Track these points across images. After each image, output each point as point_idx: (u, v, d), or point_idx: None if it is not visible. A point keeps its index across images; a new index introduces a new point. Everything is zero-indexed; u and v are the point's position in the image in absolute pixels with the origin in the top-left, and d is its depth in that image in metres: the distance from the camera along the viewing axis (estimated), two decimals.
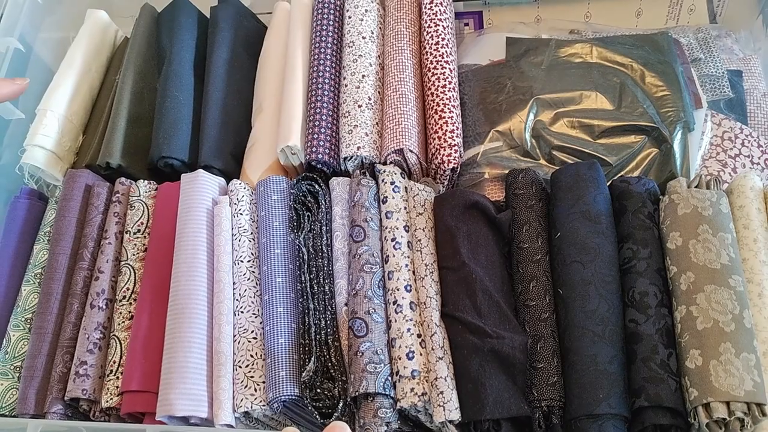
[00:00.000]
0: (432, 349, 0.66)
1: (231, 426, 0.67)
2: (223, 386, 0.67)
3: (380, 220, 0.74)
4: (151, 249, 0.76)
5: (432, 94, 0.80)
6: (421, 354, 0.67)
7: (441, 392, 0.64)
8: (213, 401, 0.67)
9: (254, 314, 0.72)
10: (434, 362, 0.66)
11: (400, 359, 0.66)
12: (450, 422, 0.64)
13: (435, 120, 0.79)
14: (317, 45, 0.85)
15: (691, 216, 0.67)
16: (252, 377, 0.69)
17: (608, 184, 0.73)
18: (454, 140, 0.77)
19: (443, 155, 0.77)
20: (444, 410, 0.63)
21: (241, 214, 0.77)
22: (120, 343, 0.71)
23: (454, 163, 0.77)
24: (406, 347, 0.67)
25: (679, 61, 0.84)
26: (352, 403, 0.67)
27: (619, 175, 0.77)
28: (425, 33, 0.84)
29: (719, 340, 0.61)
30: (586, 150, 0.78)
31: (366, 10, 0.87)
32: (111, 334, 0.72)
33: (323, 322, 0.70)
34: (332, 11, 0.88)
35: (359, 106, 0.80)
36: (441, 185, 0.80)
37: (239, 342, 0.71)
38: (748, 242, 0.68)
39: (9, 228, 0.81)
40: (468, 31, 0.99)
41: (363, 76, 0.82)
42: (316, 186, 0.78)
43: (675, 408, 0.60)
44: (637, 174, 0.78)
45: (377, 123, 0.80)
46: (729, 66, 0.88)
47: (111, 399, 0.69)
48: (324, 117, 0.80)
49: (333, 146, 0.80)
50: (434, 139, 0.78)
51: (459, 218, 0.73)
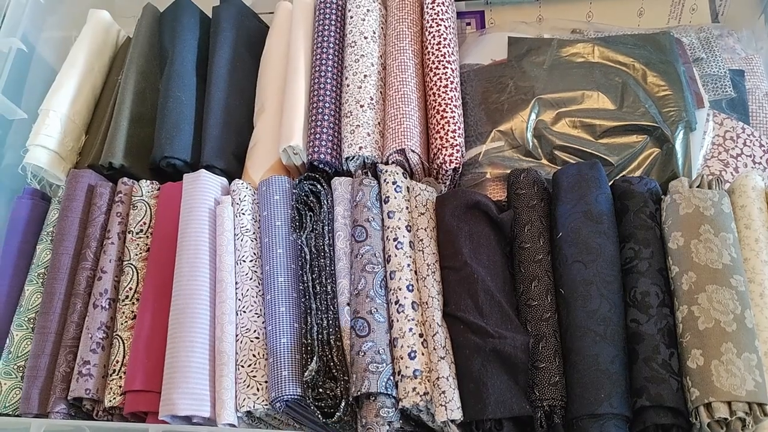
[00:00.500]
0: (434, 349, 0.67)
1: (233, 425, 0.68)
2: (226, 386, 0.68)
3: (382, 220, 0.75)
4: (154, 249, 0.77)
5: (434, 94, 0.80)
6: (423, 354, 0.67)
7: (443, 392, 0.64)
8: (215, 401, 0.68)
9: (256, 314, 0.72)
10: (436, 362, 0.66)
11: (402, 359, 0.66)
12: (452, 422, 0.64)
13: (437, 120, 0.79)
14: (319, 45, 0.85)
15: (693, 216, 0.67)
16: (254, 377, 0.69)
17: (610, 184, 0.73)
18: (456, 140, 0.77)
19: (445, 155, 0.77)
20: (446, 410, 0.64)
21: (244, 214, 0.77)
22: (123, 343, 0.72)
23: (456, 163, 0.77)
24: (408, 347, 0.67)
25: (681, 61, 0.84)
26: (354, 403, 0.67)
27: (621, 175, 0.77)
28: (427, 33, 0.84)
29: (721, 340, 0.61)
30: (588, 150, 0.78)
31: (368, 10, 0.87)
32: (114, 334, 0.73)
33: (325, 322, 0.70)
34: (334, 11, 0.88)
35: (361, 106, 0.80)
36: (443, 185, 0.80)
37: (241, 342, 0.71)
38: (750, 242, 0.68)
39: (12, 228, 0.81)
40: (470, 31, 1.00)
41: (365, 76, 0.82)
42: (318, 186, 0.78)
43: (677, 408, 0.61)
44: (639, 174, 0.78)
45: (379, 123, 0.80)
46: (731, 65, 0.88)
47: (114, 398, 0.69)
48: (326, 117, 0.80)
49: (335, 146, 0.80)
50: (436, 139, 0.78)
51: (461, 218, 0.73)
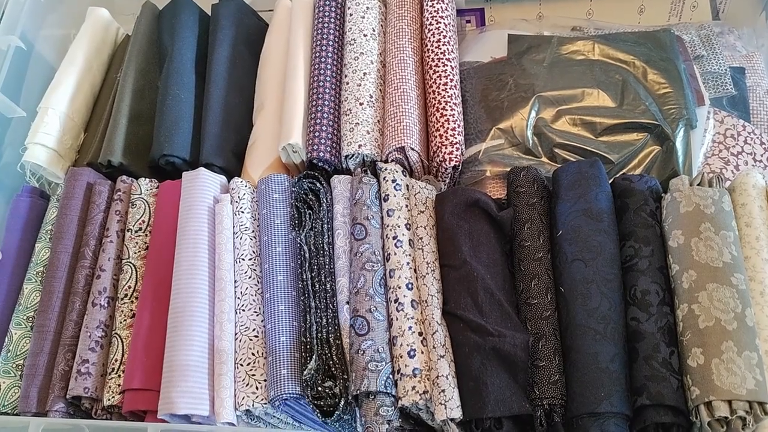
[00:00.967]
0: (433, 347, 0.66)
1: (233, 424, 0.67)
2: (225, 384, 0.68)
3: (381, 218, 0.74)
4: (153, 247, 0.76)
5: (433, 92, 0.80)
6: (423, 352, 0.67)
7: (442, 390, 0.64)
8: (214, 399, 0.67)
9: (255, 312, 0.72)
10: (436, 360, 0.66)
11: (402, 357, 0.66)
12: (451, 420, 0.64)
13: (436, 118, 0.78)
14: (318, 43, 0.85)
15: (694, 214, 0.67)
16: (253, 375, 0.69)
17: (610, 182, 0.72)
18: (456, 138, 0.77)
19: (444, 153, 0.76)
20: (445, 408, 0.63)
21: (243, 212, 0.77)
22: (122, 342, 0.71)
23: (456, 161, 0.77)
24: (408, 345, 0.67)
25: (682, 58, 0.84)
26: (354, 402, 0.67)
27: (621, 173, 0.77)
28: (426, 30, 0.83)
29: (721, 339, 0.61)
30: (588, 147, 0.78)
31: (367, 8, 0.86)
32: (113, 333, 0.72)
33: (324, 321, 0.70)
34: (334, 9, 0.87)
35: (360, 104, 0.80)
36: (442, 183, 0.80)
37: (240, 340, 0.71)
38: (750, 240, 0.67)
39: (11, 226, 0.81)
40: (470, 29, 0.99)
41: (364, 74, 0.82)
42: (318, 184, 0.78)
43: (677, 406, 0.60)
44: (639, 172, 0.77)
45: (379, 121, 0.80)
46: (731, 63, 0.88)
47: (113, 397, 0.69)
48: (325, 115, 0.80)
49: (334, 144, 0.80)
50: (436, 137, 0.78)
51: (460, 216, 0.72)
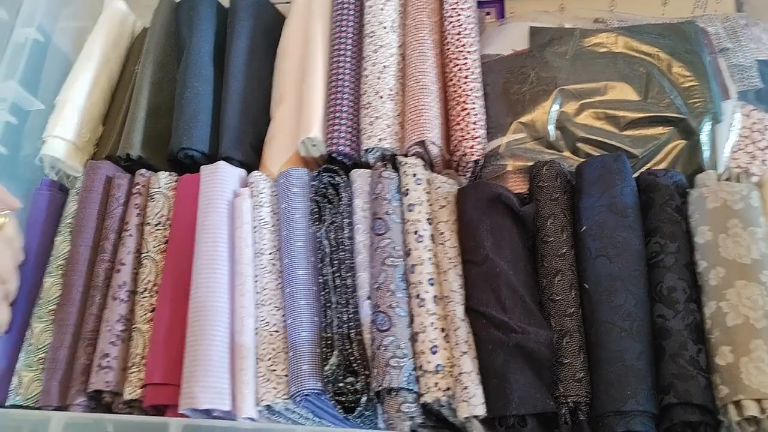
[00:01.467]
0: (456, 344, 0.66)
1: (253, 419, 0.67)
2: (246, 379, 0.67)
3: (402, 213, 0.74)
4: (172, 241, 0.76)
5: (454, 85, 0.79)
6: (445, 348, 0.66)
7: (465, 387, 0.63)
8: (235, 394, 0.67)
9: (276, 307, 0.72)
10: (458, 357, 0.65)
11: (424, 354, 0.66)
12: (474, 417, 0.64)
13: (457, 111, 0.77)
14: (337, 35, 0.84)
15: (721, 210, 0.66)
16: (274, 371, 0.68)
17: (635, 177, 0.71)
18: (477, 132, 0.76)
19: (466, 147, 0.76)
20: (468, 405, 0.63)
21: (262, 206, 0.76)
22: (142, 336, 0.71)
23: (478, 155, 0.76)
24: (430, 342, 0.66)
25: (707, 51, 0.82)
26: (375, 398, 0.66)
27: (646, 168, 0.76)
28: (447, 23, 0.82)
29: (750, 337, 0.60)
30: (612, 142, 0.77)
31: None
32: (133, 327, 0.72)
33: (345, 316, 0.70)
34: (353, 0, 0.86)
35: (380, 97, 0.79)
36: (463, 177, 0.79)
37: (261, 335, 0.70)
38: None
39: (31, 220, 0.80)
40: (489, 21, 0.98)
41: (384, 67, 0.81)
42: (338, 178, 0.77)
43: (705, 405, 0.59)
44: (664, 166, 0.76)
45: (399, 114, 0.79)
46: (758, 56, 0.85)
47: (134, 391, 0.68)
48: (345, 108, 0.79)
49: (354, 138, 0.79)
50: (456, 131, 0.77)
51: (482, 211, 0.72)
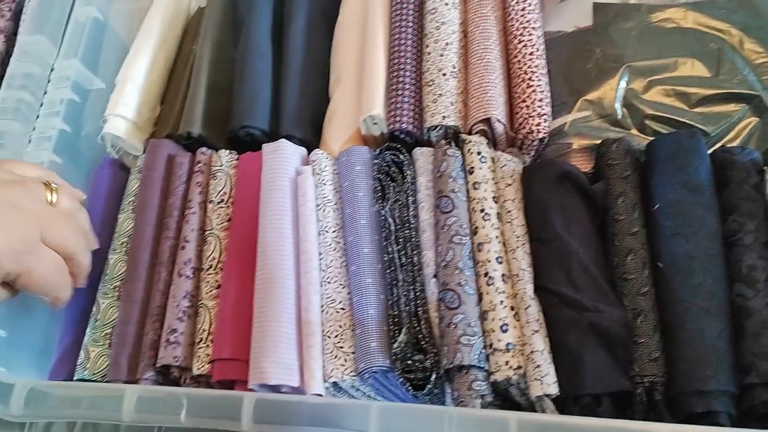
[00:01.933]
0: (527, 323, 0.65)
1: (321, 396, 0.67)
2: (314, 356, 0.67)
3: (467, 191, 0.73)
4: (235, 219, 0.76)
5: (519, 62, 0.78)
6: (515, 327, 0.65)
7: (538, 366, 0.63)
8: (304, 370, 0.67)
9: (341, 285, 0.71)
10: (529, 335, 0.64)
11: (494, 332, 0.65)
12: (547, 396, 0.63)
13: (522, 89, 0.76)
14: (398, 12, 0.83)
15: None
16: (341, 347, 0.68)
17: (709, 154, 0.70)
18: (543, 109, 0.75)
19: (532, 125, 0.74)
20: (542, 384, 0.62)
21: (325, 185, 0.76)
22: (209, 312, 0.71)
23: (544, 133, 0.74)
24: (500, 320, 0.65)
25: None
26: (444, 376, 0.66)
27: (720, 145, 0.74)
28: None
29: None
30: (682, 119, 0.75)
31: None
32: (199, 303, 0.72)
33: (412, 294, 0.69)
34: None
35: (443, 75, 0.78)
36: (527, 156, 0.78)
37: (327, 312, 0.70)
38: None
39: (94, 197, 0.81)
40: None
41: (447, 44, 0.80)
42: (401, 156, 0.76)
43: None
44: (736, 144, 0.74)
45: (461, 92, 0.78)
46: None
47: (202, 366, 0.69)
48: (407, 86, 0.78)
49: (416, 116, 0.78)
50: (521, 108, 0.76)
51: (550, 189, 0.70)
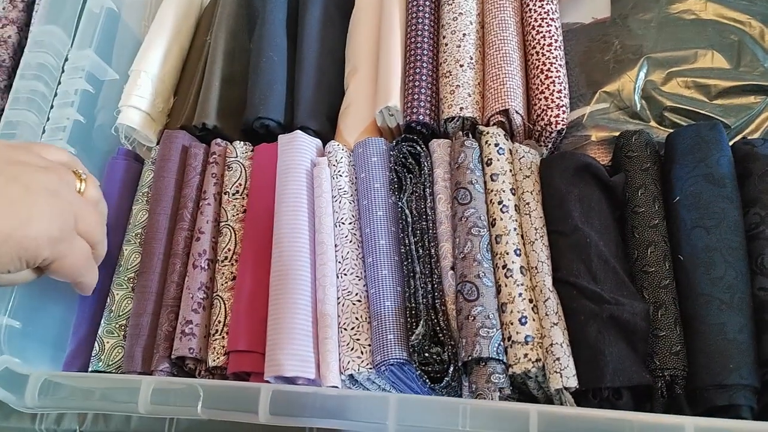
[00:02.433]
0: (546, 315, 0.64)
1: (337, 388, 0.67)
2: (330, 348, 0.67)
3: (485, 183, 0.72)
4: (251, 210, 0.76)
5: (537, 53, 0.77)
6: (534, 319, 0.65)
7: (557, 359, 0.62)
8: (320, 363, 0.67)
9: (357, 277, 0.71)
10: (549, 328, 0.64)
11: (512, 324, 0.64)
12: (566, 389, 0.62)
13: (541, 80, 0.75)
14: (415, 3, 0.82)
15: None
16: (358, 340, 0.68)
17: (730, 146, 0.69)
18: (562, 101, 0.74)
19: (551, 116, 0.74)
20: (561, 377, 0.61)
21: (341, 176, 0.76)
22: (224, 303, 0.71)
23: (562, 125, 0.74)
24: (519, 312, 0.65)
25: None
26: (462, 368, 0.65)
27: (740, 137, 0.73)
28: None
29: None
30: (702, 111, 0.74)
31: None
32: (214, 295, 0.72)
33: (429, 286, 0.69)
34: None
35: (461, 66, 0.77)
36: (544, 148, 0.77)
37: (343, 304, 0.70)
38: None
39: (108, 188, 0.80)
40: None
41: (464, 35, 0.79)
42: (418, 147, 0.76)
43: None
44: (758, 137, 0.73)
45: (479, 83, 0.78)
46: None
47: (218, 358, 0.69)
48: (423, 77, 0.78)
49: (433, 107, 0.77)
50: (540, 100, 0.75)
51: (570, 181, 0.70)
